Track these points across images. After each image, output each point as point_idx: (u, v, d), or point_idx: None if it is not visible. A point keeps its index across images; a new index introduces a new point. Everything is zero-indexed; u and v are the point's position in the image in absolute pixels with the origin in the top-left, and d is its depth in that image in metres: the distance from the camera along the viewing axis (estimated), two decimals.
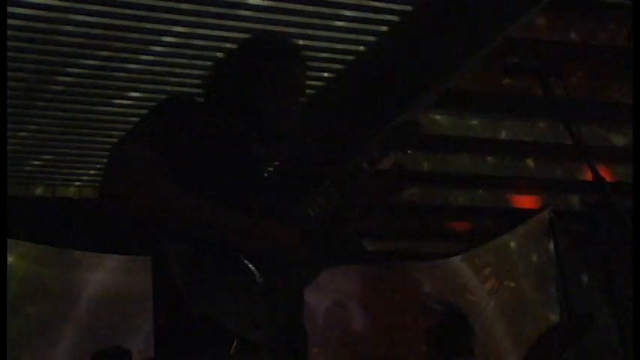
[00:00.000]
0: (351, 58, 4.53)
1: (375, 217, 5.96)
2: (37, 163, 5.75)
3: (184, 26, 4.22)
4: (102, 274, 6.18)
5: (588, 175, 2.03)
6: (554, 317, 6.75)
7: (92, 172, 6.02)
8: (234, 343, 1.83)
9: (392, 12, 4.20)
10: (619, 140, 5.81)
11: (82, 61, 4.50)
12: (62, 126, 5.24)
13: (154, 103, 2.16)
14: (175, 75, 4.63)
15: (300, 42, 4.10)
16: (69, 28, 4.15)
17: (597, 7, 4.56)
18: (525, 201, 6.97)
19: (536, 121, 5.76)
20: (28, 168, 5.82)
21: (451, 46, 4.28)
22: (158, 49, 4.42)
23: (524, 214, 6.88)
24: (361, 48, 4.46)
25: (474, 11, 4.04)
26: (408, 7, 4.17)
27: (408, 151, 2.27)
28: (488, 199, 6.82)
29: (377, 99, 4.70)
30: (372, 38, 4.40)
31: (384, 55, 4.42)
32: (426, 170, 5.97)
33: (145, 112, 2.14)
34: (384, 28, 4.33)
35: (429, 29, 4.20)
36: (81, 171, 6.02)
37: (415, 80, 4.55)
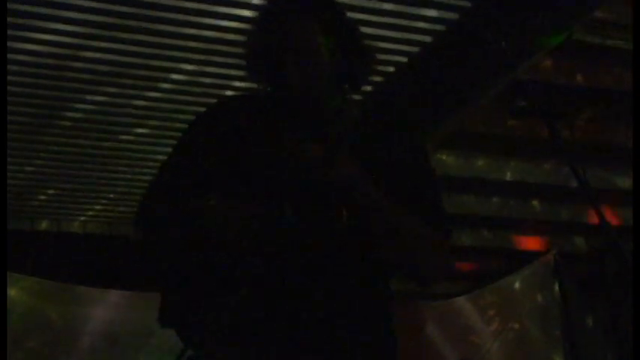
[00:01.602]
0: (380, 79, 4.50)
1: None
2: (42, 197, 5.76)
3: (193, 64, 4.25)
4: (105, 309, 6.14)
5: (594, 218, 2.02)
6: None
7: (97, 207, 6.04)
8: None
9: (399, 53, 4.22)
10: (624, 183, 5.81)
11: (90, 97, 4.53)
12: (68, 161, 5.26)
13: (160, 140, 2.18)
14: (183, 112, 4.65)
15: None
16: (78, 64, 4.18)
17: (603, 51, 4.59)
18: (530, 242, 6.95)
19: (542, 163, 5.76)
20: (33, 203, 5.83)
21: (460, 85, 4.30)
22: (166, 86, 4.45)
23: (530, 256, 6.86)
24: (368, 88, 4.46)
25: (482, 51, 4.07)
26: (415, 49, 4.20)
27: None
28: (494, 240, 6.80)
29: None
30: (379, 79, 4.40)
31: (389, 96, 4.42)
32: None
33: (150, 148, 2.17)
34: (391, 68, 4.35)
35: (439, 67, 4.23)
36: (86, 206, 6.03)
37: (416, 121, 4.55)
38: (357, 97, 4.50)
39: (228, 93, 4.47)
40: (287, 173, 1.89)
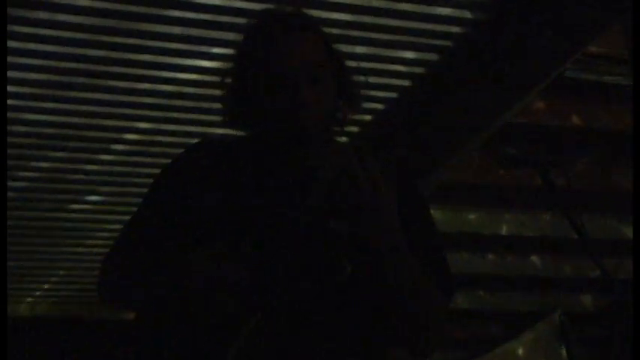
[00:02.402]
0: (355, 129, 4.50)
1: None
2: None
3: (148, 122, 4.28)
4: None
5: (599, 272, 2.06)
6: None
7: (46, 286, 6.00)
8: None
9: (390, 88, 4.26)
10: (630, 232, 5.85)
11: (34, 164, 4.54)
12: (11, 236, 5.23)
13: (115, 208, 2.20)
14: (139, 175, 4.66)
15: None
16: (20, 128, 4.19)
17: (599, 88, 4.67)
18: (532, 302, 6.96)
19: (540, 214, 5.81)
20: None
21: (448, 130, 4.35)
22: (119, 147, 4.47)
23: (532, 318, 6.87)
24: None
25: (471, 95, 4.13)
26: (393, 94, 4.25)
27: None
28: (491, 302, 6.82)
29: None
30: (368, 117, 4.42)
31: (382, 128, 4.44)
32: None
33: (104, 217, 2.19)
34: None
35: (426, 109, 4.27)
36: (33, 285, 5.99)
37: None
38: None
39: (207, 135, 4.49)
40: (279, 226, 1.89)
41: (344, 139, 2.20)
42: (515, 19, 3.72)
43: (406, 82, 4.21)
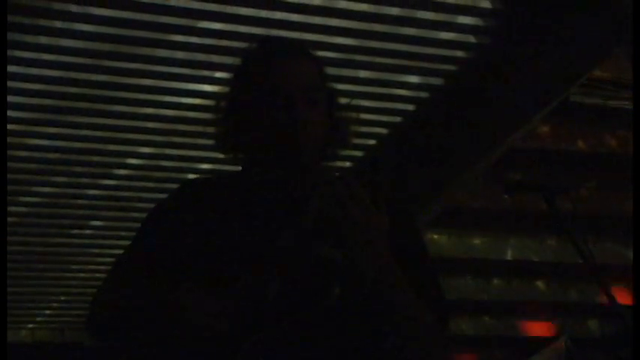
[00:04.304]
0: (359, 154, 4.51)
1: None
2: None
3: (151, 147, 4.29)
4: None
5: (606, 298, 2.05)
6: None
7: (48, 311, 5.99)
8: None
9: (394, 113, 4.27)
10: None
11: (36, 189, 4.56)
12: (13, 261, 5.23)
13: (117, 233, 2.20)
14: (142, 200, 4.67)
15: None
16: (23, 153, 4.21)
17: (604, 112, 4.67)
18: (538, 328, 6.94)
19: (546, 238, 5.80)
20: None
21: (454, 153, 4.35)
22: (122, 172, 4.48)
23: (538, 344, 6.84)
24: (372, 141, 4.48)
25: (476, 118, 4.14)
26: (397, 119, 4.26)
27: None
28: (496, 327, 6.79)
29: None
30: (358, 153, 4.45)
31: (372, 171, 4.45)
32: None
33: (107, 242, 2.19)
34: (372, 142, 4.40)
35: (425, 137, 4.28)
36: (34, 311, 5.99)
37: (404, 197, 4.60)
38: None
39: (191, 176, 4.51)
40: (268, 255, 1.89)
41: (334, 168, 2.21)
42: (518, 43, 3.73)
43: (410, 107, 4.21)
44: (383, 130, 4.34)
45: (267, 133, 1.95)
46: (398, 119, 4.28)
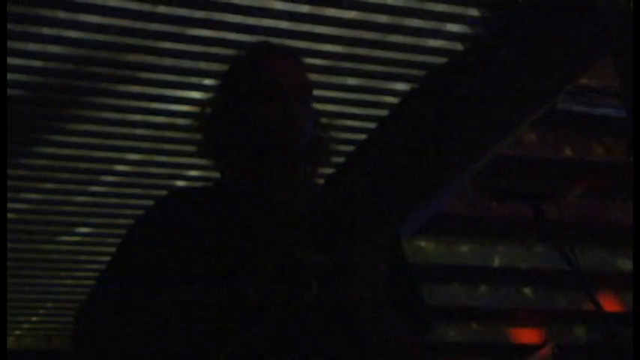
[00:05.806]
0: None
1: None
2: None
3: (139, 153, 4.29)
4: None
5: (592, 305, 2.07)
6: None
7: (34, 318, 5.97)
8: None
9: (380, 119, 4.26)
10: (626, 265, 5.86)
11: (24, 195, 4.54)
12: None
13: (105, 239, 2.19)
14: (129, 207, 4.66)
15: None
16: (10, 159, 4.19)
17: (591, 120, 4.69)
18: (525, 335, 6.96)
19: (533, 246, 5.82)
20: None
21: (436, 165, 4.36)
22: (110, 179, 4.47)
23: (525, 350, 6.87)
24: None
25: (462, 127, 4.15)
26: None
27: None
28: (483, 334, 6.81)
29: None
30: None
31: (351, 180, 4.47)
32: None
33: (94, 249, 2.18)
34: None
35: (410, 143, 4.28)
36: (21, 318, 5.97)
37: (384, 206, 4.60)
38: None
39: (180, 183, 4.51)
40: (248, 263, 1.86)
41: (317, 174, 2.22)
42: (506, 51, 3.75)
43: None
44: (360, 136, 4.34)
45: (258, 127, 1.95)
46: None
